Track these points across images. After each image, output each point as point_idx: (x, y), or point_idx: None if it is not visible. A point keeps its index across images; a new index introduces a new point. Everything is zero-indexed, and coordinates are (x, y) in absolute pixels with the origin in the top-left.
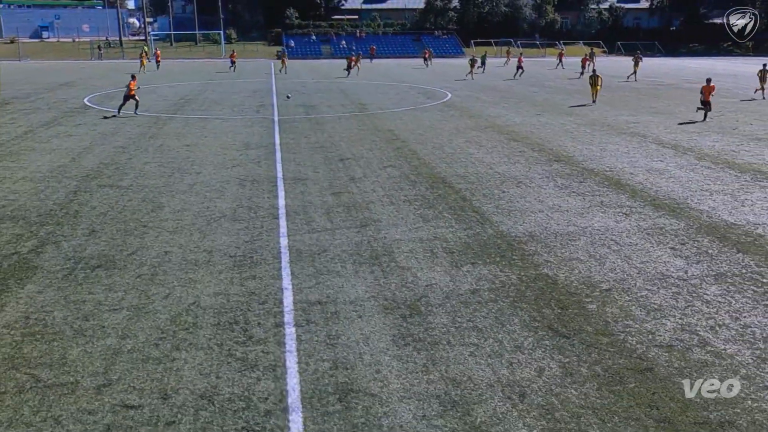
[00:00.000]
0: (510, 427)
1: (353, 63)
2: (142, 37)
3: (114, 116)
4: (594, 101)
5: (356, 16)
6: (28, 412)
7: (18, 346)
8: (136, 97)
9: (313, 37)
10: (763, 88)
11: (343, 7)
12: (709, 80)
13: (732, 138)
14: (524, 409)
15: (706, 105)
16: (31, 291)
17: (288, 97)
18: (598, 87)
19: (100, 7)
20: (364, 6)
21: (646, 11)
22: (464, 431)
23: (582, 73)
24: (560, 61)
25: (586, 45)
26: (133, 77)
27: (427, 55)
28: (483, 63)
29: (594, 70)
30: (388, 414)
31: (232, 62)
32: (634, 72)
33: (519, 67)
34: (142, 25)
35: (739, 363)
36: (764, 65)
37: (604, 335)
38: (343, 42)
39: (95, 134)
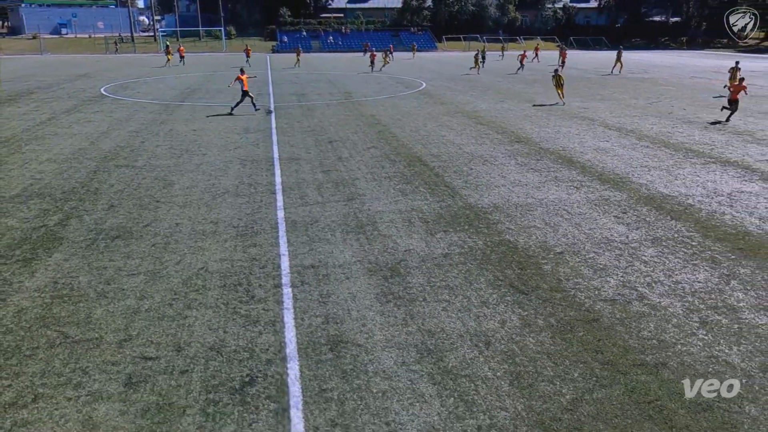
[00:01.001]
0: (477, 370)
1: (374, 58)
2: (151, 34)
3: (230, 114)
4: (563, 102)
5: (342, 14)
6: (58, 364)
7: (48, 307)
8: (250, 94)
9: (304, 33)
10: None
11: (330, 6)
12: (742, 79)
13: (668, 121)
14: (489, 355)
15: (732, 104)
16: (58, 259)
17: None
18: (561, 89)
19: (113, 6)
20: (349, 5)
21: (596, 10)
22: (438, 375)
23: (521, 68)
24: (536, 55)
25: (527, 40)
26: (242, 71)
27: (413, 49)
28: (483, 58)
29: (556, 70)
30: (373, 361)
31: (248, 57)
32: (562, 64)
33: (521, 63)
34: (151, 23)
35: (671, 314)
36: (736, 63)
37: (557, 291)
38: (330, 37)
39: (112, 120)
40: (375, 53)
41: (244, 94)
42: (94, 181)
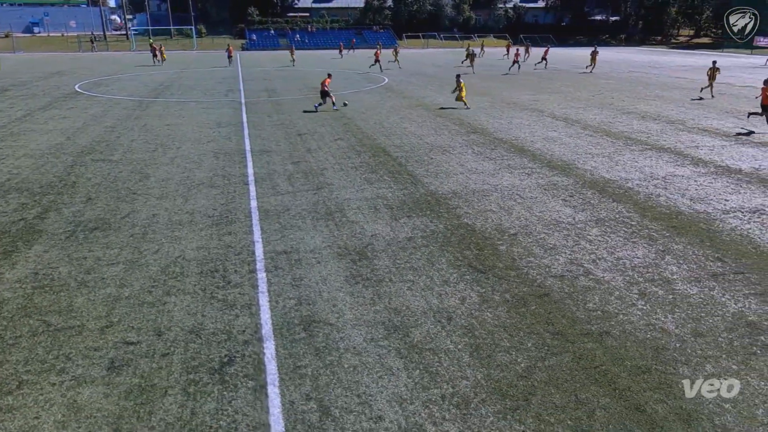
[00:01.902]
0: (440, 344)
1: (379, 56)
2: (123, 33)
3: (314, 111)
4: (466, 106)
5: (308, 14)
6: (42, 351)
7: (29, 297)
8: (331, 95)
9: (272, 32)
10: (711, 86)
11: (296, 6)
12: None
13: (609, 112)
14: (451, 330)
15: (765, 109)
16: (38, 251)
17: (345, 104)
18: (463, 94)
19: (85, 6)
20: (314, 5)
21: (543, 9)
22: (404, 349)
23: (513, 66)
24: (508, 51)
25: (480, 38)
26: (329, 75)
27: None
28: (468, 56)
29: (458, 75)
30: (344, 338)
31: (229, 56)
32: (515, 62)
33: (515, 61)
34: (123, 22)
35: (614, 287)
36: (714, 62)
37: (512, 269)
38: (297, 36)
39: (87, 116)
40: (379, 52)
41: (324, 93)
42: (72, 175)
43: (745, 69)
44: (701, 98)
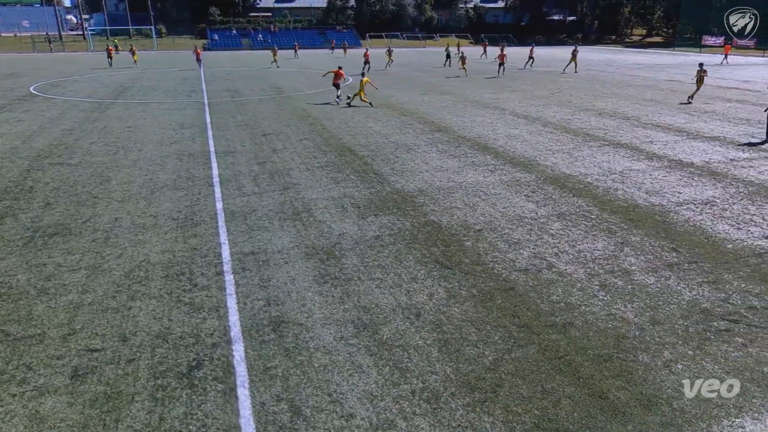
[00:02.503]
0: (409, 340)
1: (368, 57)
2: (80, 33)
3: (348, 105)
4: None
5: (270, 14)
6: (0, 362)
7: None
8: (340, 89)
9: (234, 32)
10: (697, 89)
11: (258, 6)
12: None
13: (567, 109)
14: (420, 326)
15: None
16: None
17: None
18: (363, 93)
19: (38, 5)
20: (276, 4)
21: (503, 10)
22: (374, 347)
23: (500, 69)
24: (484, 51)
25: (442, 38)
26: (340, 68)
27: (333, 45)
28: (448, 56)
29: (363, 72)
30: (314, 338)
31: (198, 59)
32: (501, 64)
33: (501, 63)
34: (79, 22)
35: (576, 279)
36: (701, 65)
37: (478, 265)
38: (260, 36)
39: (43, 119)
40: (368, 53)
41: (337, 86)
42: (28, 179)
43: (695, 67)
44: (689, 102)
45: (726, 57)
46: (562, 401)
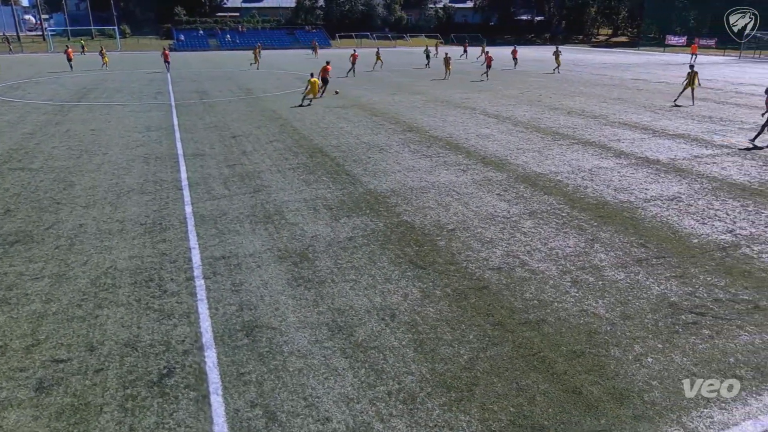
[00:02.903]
0: (385, 341)
1: (356, 59)
2: (39, 33)
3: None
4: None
5: (237, 14)
6: None
7: None
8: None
9: (201, 32)
10: (683, 90)
11: (225, 6)
12: None
13: (537, 108)
14: (395, 326)
15: None
16: None
17: (336, 92)
18: (313, 92)
19: None
20: (244, 4)
21: (472, 10)
22: (349, 349)
23: (486, 72)
24: (465, 51)
25: (412, 38)
26: (328, 63)
27: (314, 45)
28: (428, 57)
29: (311, 73)
30: (288, 342)
31: (167, 61)
32: (488, 66)
33: (488, 66)
34: (39, 22)
35: (548, 276)
36: (691, 67)
37: (452, 264)
38: (228, 36)
39: (2, 123)
40: (357, 54)
41: (325, 81)
42: None
43: (659, 66)
44: (678, 105)
45: (695, 56)
46: (537, 398)
